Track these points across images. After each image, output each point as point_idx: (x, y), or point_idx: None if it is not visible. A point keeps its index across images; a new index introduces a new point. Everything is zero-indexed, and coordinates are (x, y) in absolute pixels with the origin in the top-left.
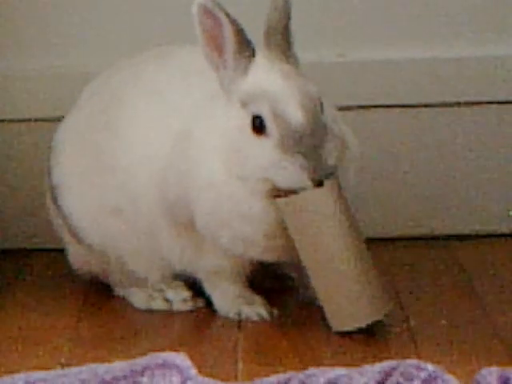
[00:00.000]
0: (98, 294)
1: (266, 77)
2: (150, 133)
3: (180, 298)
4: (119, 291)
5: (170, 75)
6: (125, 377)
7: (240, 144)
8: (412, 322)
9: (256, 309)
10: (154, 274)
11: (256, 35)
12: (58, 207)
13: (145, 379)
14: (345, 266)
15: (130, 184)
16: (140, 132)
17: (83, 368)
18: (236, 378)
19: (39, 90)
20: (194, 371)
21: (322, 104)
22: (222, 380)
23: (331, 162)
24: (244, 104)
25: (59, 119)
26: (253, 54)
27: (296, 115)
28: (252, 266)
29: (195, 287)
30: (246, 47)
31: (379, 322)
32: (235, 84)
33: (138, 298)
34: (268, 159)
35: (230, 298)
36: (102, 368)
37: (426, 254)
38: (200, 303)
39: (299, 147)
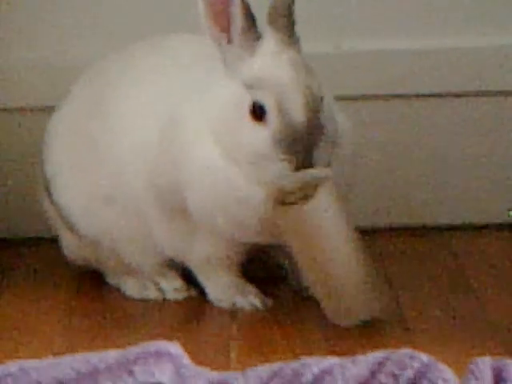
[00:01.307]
0: (90, 282)
1: (274, 64)
2: (140, 120)
3: (173, 288)
4: (112, 280)
5: (162, 62)
6: (118, 365)
7: (235, 125)
8: (406, 313)
9: (249, 298)
10: (147, 262)
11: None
12: (51, 197)
13: (138, 368)
14: (341, 269)
15: (121, 172)
16: (131, 120)
17: (76, 356)
18: (229, 367)
19: (32, 79)
20: (187, 360)
21: (322, 100)
22: (215, 369)
23: (321, 166)
24: (248, 86)
25: (52, 109)
26: (259, 36)
27: (299, 113)
28: (245, 255)
29: (188, 276)
30: (253, 25)
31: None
32: (241, 63)
33: (131, 287)
34: (260, 148)
35: (224, 288)
36: (94, 357)
37: (420, 245)
38: (193, 293)
39: (293, 145)
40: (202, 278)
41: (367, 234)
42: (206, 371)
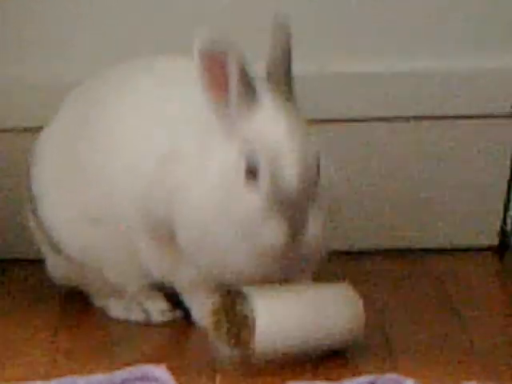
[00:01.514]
0: (76, 304)
1: (270, 127)
2: (131, 142)
3: (158, 310)
4: (98, 302)
5: (158, 85)
6: None
7: (230, 185)
8: (390, 336)
9: None
10: (132, 284)
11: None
12: (37, 217)
13: None
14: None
15: (110, 194)
16: (123, 143)
17: (62, 380)
18: None
19: (18, 99)
20: (173, 383)
21: (318, 167)
22: None
23: (311, 233)
24: (243, 148)
25: (37, 129)
26: (256, 95)
27: (294, 177)
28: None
29: (173, 298)
30: (250, 86)
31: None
32: (237, 125)
33: (116, 309)
34: (253, 210)
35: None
36: (81, 380)
37: (404, 268)
38: (178, 314)
39: (284, 210)
40: (186, 299)
41: (351, 257)
42: None
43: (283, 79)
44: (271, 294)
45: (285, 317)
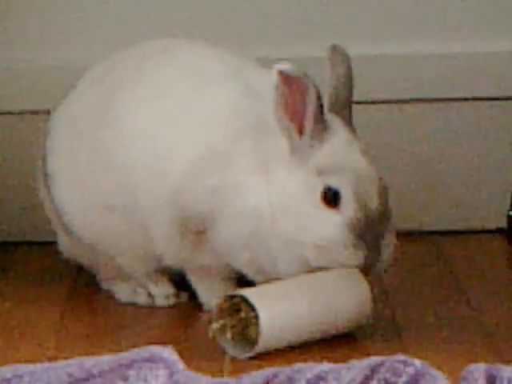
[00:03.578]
0: (84, 286)
1: (348, 152)
2: (154, 130)
3: (163, 294)
4: (104, 284)
5: (180, 74)
6: (112, 370)
7: (303, 210)
8: (398, 318)
9: None
10: (140, 269)
11: None
12: (51, 196)
13: (132, 372)
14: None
15: (126, 182)
16: (143, 129)
17: (70, 361)
18: (222, 372)
19: (28, 82)
20: (181, 365)
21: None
22: (209, 375)
23: (386, 256)
24: (320, 172)
25: (48, 112)
26: (328, 123)
27: (375, 200)
28: None
29: (178, 282)
30: (323, 115)
31: None
32: (310, 151)
33: (122, 292)
34: (334, 232)
35: (217, 293)
36: (89, 361)
37: (412, 250)
38: (183, 298)
39: (366, 232)
40: (195, 282)
41: None
42: (200, 377)
43: (346, 107)
44: (274, 290)
45: (288, 312)
